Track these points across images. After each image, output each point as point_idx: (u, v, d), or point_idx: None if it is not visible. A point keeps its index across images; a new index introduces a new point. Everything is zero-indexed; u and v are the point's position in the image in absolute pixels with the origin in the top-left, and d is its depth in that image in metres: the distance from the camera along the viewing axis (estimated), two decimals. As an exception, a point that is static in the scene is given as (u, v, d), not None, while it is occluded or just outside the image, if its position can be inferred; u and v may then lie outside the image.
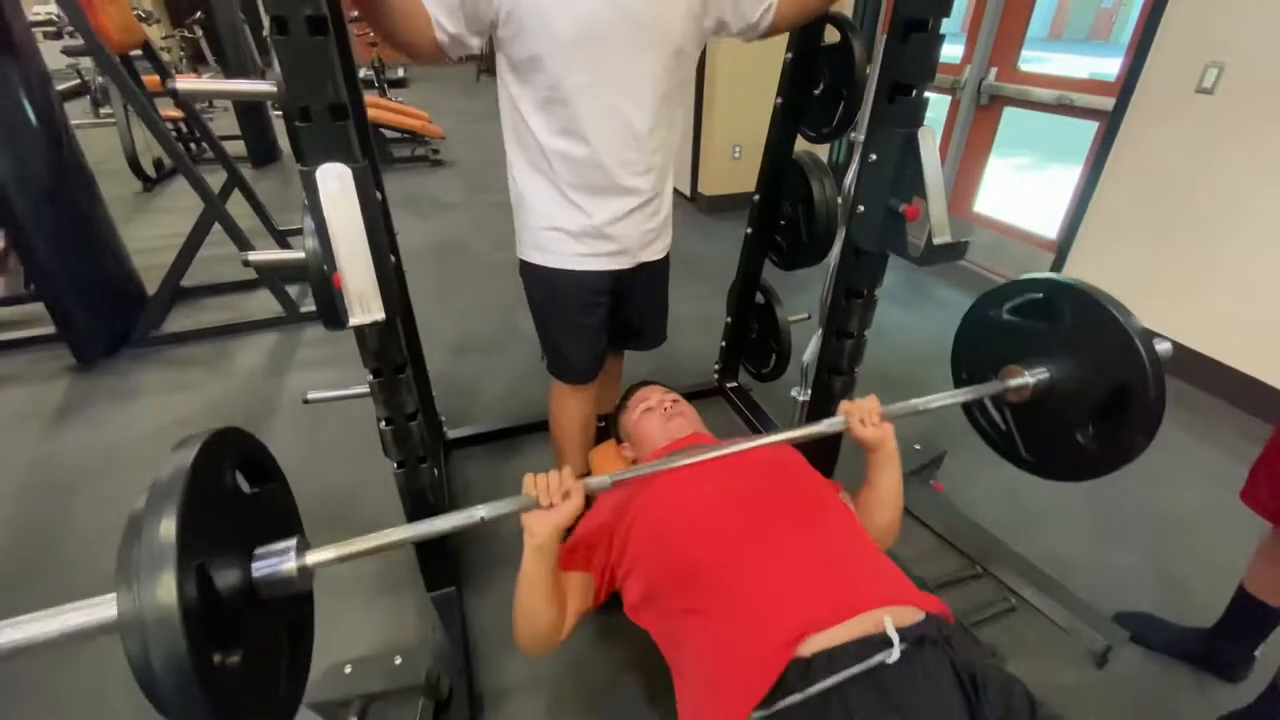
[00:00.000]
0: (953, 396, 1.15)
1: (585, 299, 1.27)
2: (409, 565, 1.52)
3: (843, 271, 1.42)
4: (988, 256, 3.26)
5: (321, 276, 1.16)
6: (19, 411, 2.11)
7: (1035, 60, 3.19)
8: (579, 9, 0.97)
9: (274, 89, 1.04)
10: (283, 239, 3.12)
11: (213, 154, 2.89)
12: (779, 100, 1.60)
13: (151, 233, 3.56)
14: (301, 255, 1.26)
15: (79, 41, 4.70)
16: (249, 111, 5.05)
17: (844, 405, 1.04)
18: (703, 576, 0.86)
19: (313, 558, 0.75)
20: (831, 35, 1.45)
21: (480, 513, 0.83)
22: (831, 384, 1.54)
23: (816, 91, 1.57)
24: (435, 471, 1.35)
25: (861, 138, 1.35)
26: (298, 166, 0.90)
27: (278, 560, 0.72)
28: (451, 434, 1.95)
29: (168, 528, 0.59)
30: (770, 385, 2.03)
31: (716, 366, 2.19)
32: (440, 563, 1.40)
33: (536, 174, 1.16)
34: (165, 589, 0.56)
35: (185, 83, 1.11)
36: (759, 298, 1.95)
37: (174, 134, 5.14)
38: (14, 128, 2.07)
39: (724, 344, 2.12)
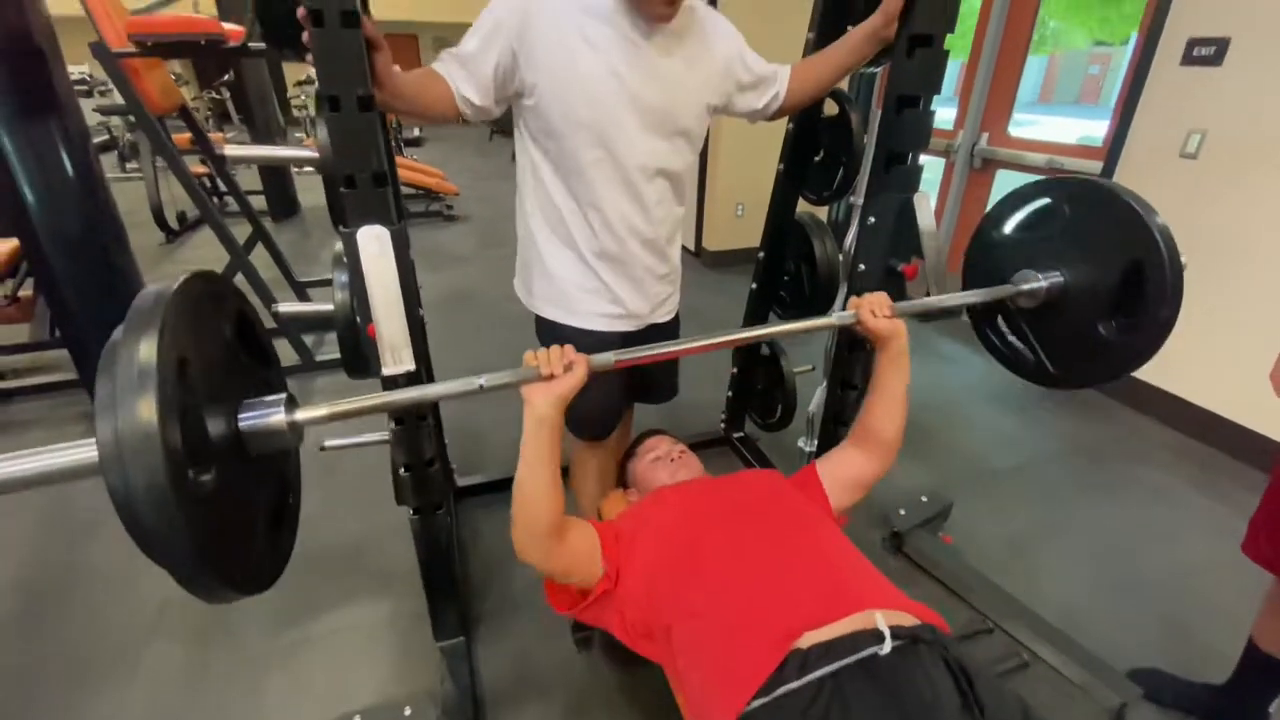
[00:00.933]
0: (964, 297, 1.17)
1: None
2: (416, 615, 1.53)
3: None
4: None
5: (350, 328, 1.22)
6: (37, 456, 2.14)
7: (1027, 123, 3.35)
8: (595, 92, 1.06)
9: (316, 156, 1.13)
10: (302, 290, 3.21)
11: (238, 208, 3.02)
12: (781, 166, 1.70)
13: (173, 283, 3.67)
14: (329, 307, 1.34)
15: (110, 100, 4.91)
16: (271, 169, 5.26)
17: (854, 300, 1.07)
18: (705, 580, 0.88)
19: (303, 414, 0.73)
20: (830, 108, 1.56)
21: (479, 381, 0.81)
22: (838, 435, 1.57)
23: (817, 158, 1.67)
24: (449, 518, 1.37)
25: (860, 201, 1.43)
26: (339, 227, 0.97)
27: (266, 412, 0.71)
28: (462, 481, 1.97)
29: (148, 350, 0.56)
30: (776, 436, 2.06)
31: (723, 417, 2.22)
32: (450, 610, 1.41)
33: (553, 236, 1.22)
34: (146, 410, 0.54)
35: (233, 149, 1.20)
36: (764, 350, 2.01)
37: (201, 188, 5.38)
38: (53, 181, 2.18)
39: (730, 394, 2.17)
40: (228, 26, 2.23)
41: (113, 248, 2.48)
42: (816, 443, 1.72)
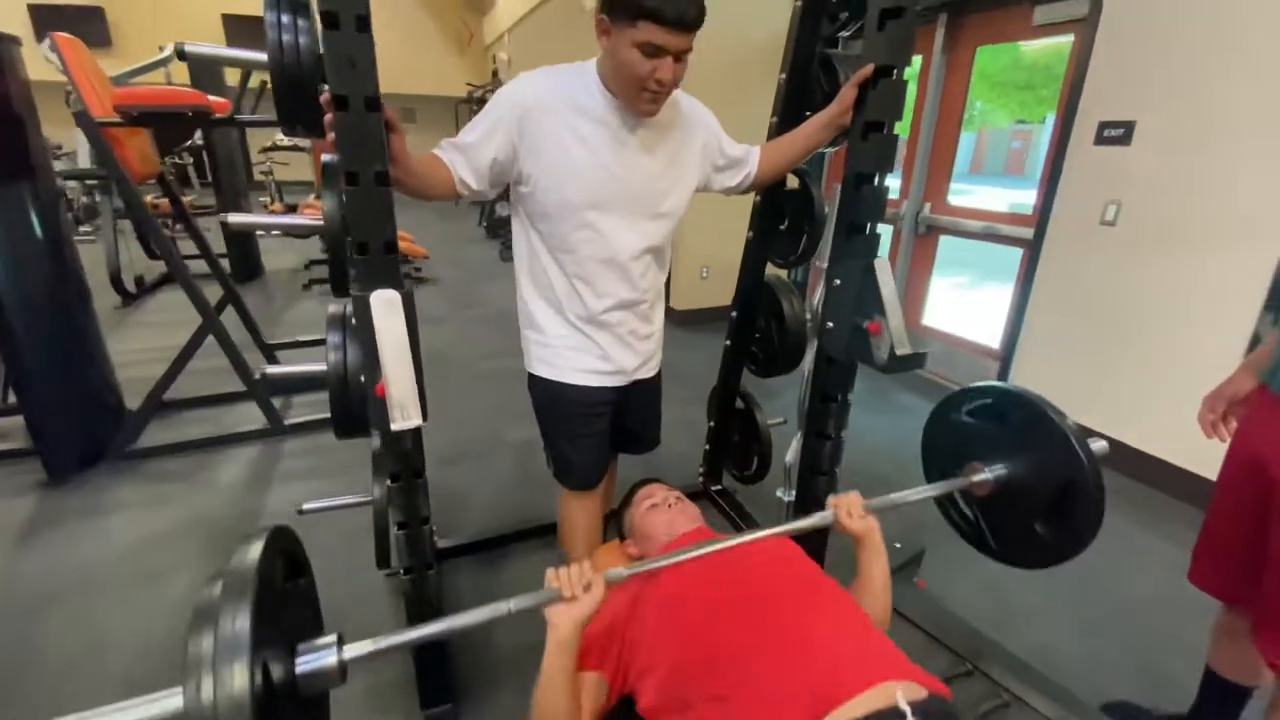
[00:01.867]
0: (925, 491, 1.26)
1: (587, 410, 1.38)
2: (397, 684, 1.49)
3: (817, 379, 1.58)
4: (940, 365, 3.53)
5: (342, 389, 1.25)
6: (-19, 530, 2.02)
7: (962, 192, 3.65)
8: (587, 180, 1.16)
9: (322, 224, 1.19)
10: (270, 353, 3.18)
11: (209, 270, 3.00)
12: (751, 233, 1.83)
13: (128, 346, 3.58)
14: (319, 368, 1.36)
15: (69, 165, 4.87)
16: (235, 231, 5.25)
17: (831, 499, 1.14)
18: (721, 663, 0.90)
19: (350, 652, 0.77)
20: (792, 181, 1.72)
21: (508, 605, 0.86)
22: (815, 483, 1.64)
23: (782, 227, 1.81)
24: (438, 579, 1.36)
25: (824, 265, 1.56)
26: (340, 291, 1.02)
27: (320, 655, 0.74)
28: (441, 543, 1.95)
29: (242, 623, 0.62)
30: (754, 487, 2.12)
31: (701, 469, 2.27)
32: (438, 676, 1.38)
33: (545, 303, 1.31)
34: (240, 680, 0.59)
35: (236, 217, 1.24)
36: (739, 403, 2.09)
37: (157, 251, 5.29)
38: (21, 242, 2.15)
39: (707, 448, 2.23)
40: (211, 98, 2.31)
41: (76, 309, 2.44)
42: (794, 493, 1.78)
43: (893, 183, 3.74)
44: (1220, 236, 2.23)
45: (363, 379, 1.06)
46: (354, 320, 1.02)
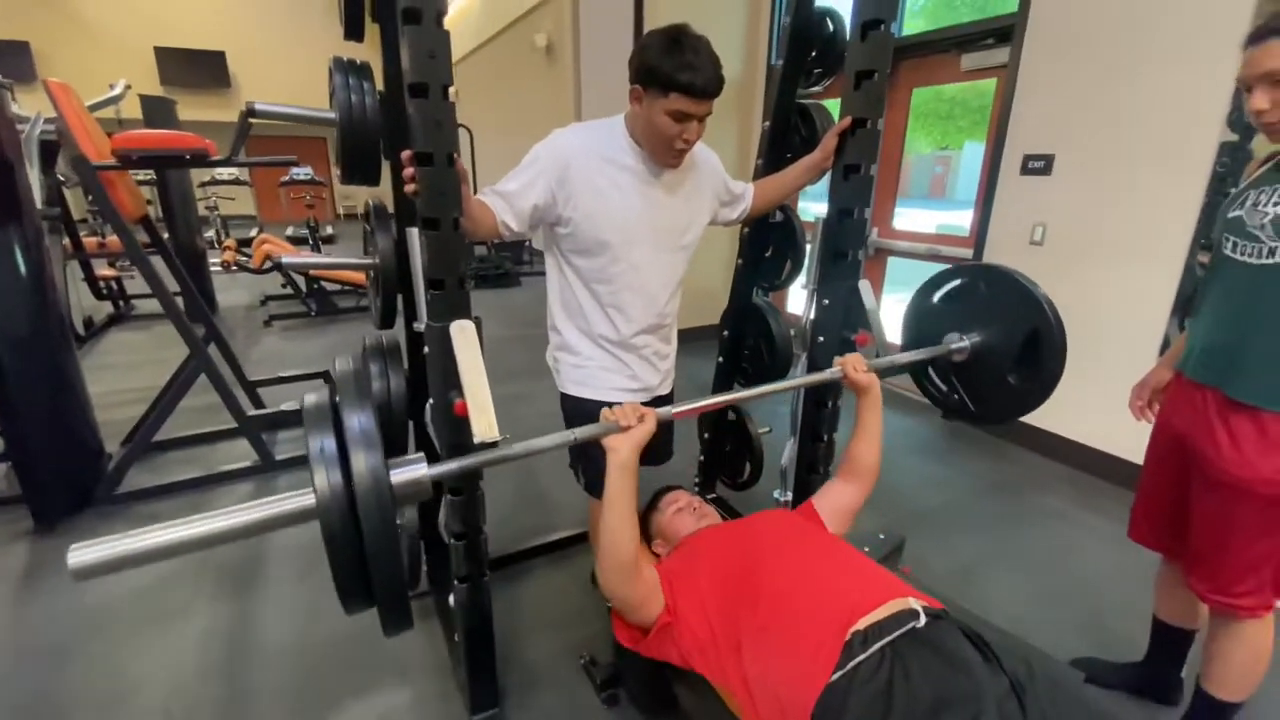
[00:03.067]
0: (914, 355, 1.51)
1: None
2: (439, 695, 1.56)
3: (810, 388, 1.77)
4: (901, 378, 3.82)
5: (387, 414, 1.36)
6: (-30, 583, 1.96)
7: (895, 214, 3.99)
8: (622, 220, 1.33)
9: (376, 263, 1.30)
10: (252, 389, 3.16)
11: (187, 308, 2.97)
12: (740, 260, 2.03)
13: (94, 389, 3.44)
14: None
15: (42, 209, 4.74)
16: (190, 267, 5.12)
17: (837, 359, 1.38)
18: (767, 599, 1.05)
19: (438, 469, 0.89)
20: (776, 214, 1.93)
21: (572, 434, 1.04)
22: (810, 482, 1.82)
23: (767, 254, 2.02)
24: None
25: (813, 287, 1.76)
26: (426, 322, 1.13)
27: (413, 467, 0.86)
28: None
29: (368, 419, 0.76)
30: (746, 494, 2.28)
31: (696, 480, 2.42)
32: (488, 681, 1.46)
33: (577, 329, 1.46)
34: (375, 460, 0.73)
35: (291, 258, 1.35)
36: (730, 415, 2.26)
37: (105, 291, 5.11)
38: (7, 285, 2.13)
39: (702, 458, 2.38)
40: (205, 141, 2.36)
41: (60, 350, 2.41)
42: (791, 493, 1.96)
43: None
44: (1131, 254, 2.58)
45: (431, 402, 1.18)
46: (427, 348, 1.13)
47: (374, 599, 0.78)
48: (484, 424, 1.07)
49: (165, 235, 5.15)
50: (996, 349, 1.46)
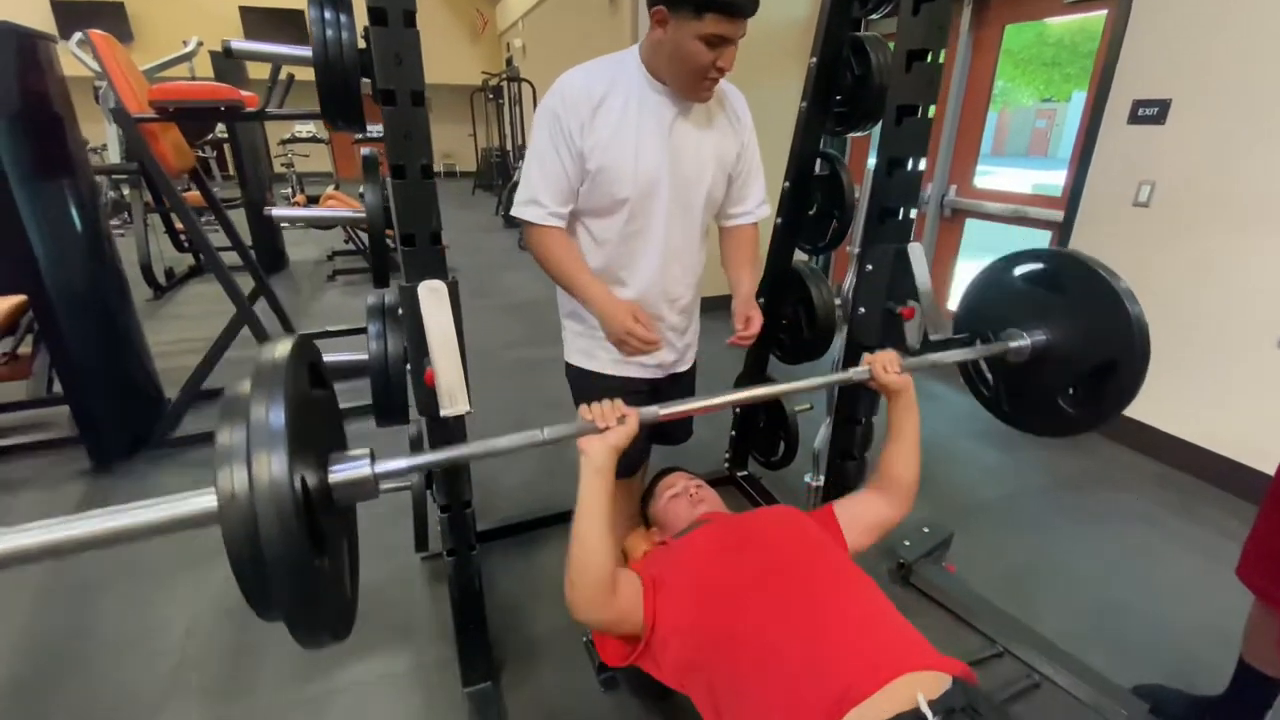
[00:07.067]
0: (962, 354, 1.28)
1: (624, 400, 1.40)
2: (439, 663, 1.54)
3: (848, 364, 1.58)
4: (965, 350, 3.50)
5: (383, 377, 1.29)
6: (34, 516, 2.09)
7: (984, 173, 3.58)
8: (644, 170, 1.18)
9: (364, 216, 1.21)
10: (300, 342, 3.23)
11: (241, 262, 3.06)
12: (779, 219, 1.83)
13: (162, 338, 3.66)
14: (358, 357, 1.40)
15: (103, 160, 5.00)
16: (260, 223, 5.32)
17: (866, 357, 1.17)
18: (741, 646, 0.89)
19: (383, 466, 0.78)
20: (821, 167, 1.71)
21: (542, 434, 0.89)
22: (845, 469, 1.65)
23: (811, 212, 1.81)
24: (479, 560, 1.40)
25: (857, 250, 1.56)
26: (398, 283, 1.04)
27: (354, 465, 0.75)
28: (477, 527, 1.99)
29: (277, 415, 0.60)
30: (779, 474, 2.13)
31: (727, 456, 2.29)
32: (480, 654, 1.42)
33: None
34: (279, 462, 0.58)
35: (279, 210, 1.28)
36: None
37: (185, 245, 5.38)
38: (63, 238, 2.21)
39: (733, 434, 2.24)
40: (242, 93, 2.34)
41: (116, 303, 2.51)
42: (824, 478, 1.79)
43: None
44: (1262, 219, 2.17)
45: (407, 368, 1.09)
46: (400, 310, 1.04)
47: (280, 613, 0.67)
48: (451, 396, 0.99)
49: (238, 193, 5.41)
50: (1059, 363, 1.21)
